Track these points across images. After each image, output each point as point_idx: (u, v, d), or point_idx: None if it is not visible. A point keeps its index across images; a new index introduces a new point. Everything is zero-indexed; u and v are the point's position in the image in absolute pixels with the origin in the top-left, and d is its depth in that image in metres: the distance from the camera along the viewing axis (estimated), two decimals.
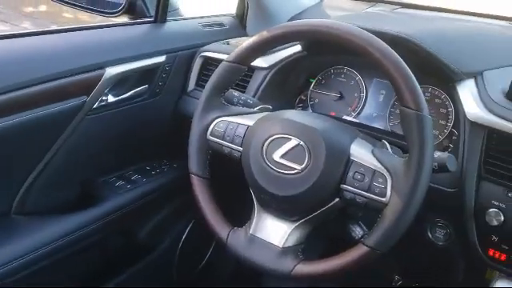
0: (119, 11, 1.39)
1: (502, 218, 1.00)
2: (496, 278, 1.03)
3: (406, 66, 0.85)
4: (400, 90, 0.86)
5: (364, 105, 1.26)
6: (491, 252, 1.05)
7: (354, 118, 1.26)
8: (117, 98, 1.29)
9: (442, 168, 0.91)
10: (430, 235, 1.15)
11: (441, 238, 1.14)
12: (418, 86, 0.85)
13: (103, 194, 1.32)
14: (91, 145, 1.28)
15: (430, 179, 0.85)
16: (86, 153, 1.28)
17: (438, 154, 0.92)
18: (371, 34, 0.88)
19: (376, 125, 1.24)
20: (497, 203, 1.01)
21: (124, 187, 1.34)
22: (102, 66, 1.21)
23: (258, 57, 1.02)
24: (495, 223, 1.00)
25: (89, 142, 1.27)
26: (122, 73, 1.25)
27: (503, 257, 1.04)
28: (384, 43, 0.87)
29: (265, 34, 0.97)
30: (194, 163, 1.03)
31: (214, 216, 1.01)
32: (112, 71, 1.22)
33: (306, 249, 0.97)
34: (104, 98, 1.26)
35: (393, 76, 0.85)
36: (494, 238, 1.04)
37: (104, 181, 1.36)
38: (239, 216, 1.05)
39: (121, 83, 1.29)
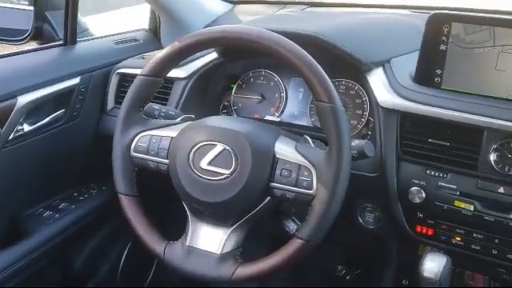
0: (26, 38, 1.33)
1: (424, 195, 1.06)
2: (427, 252, 1.09)
3: (315, 62, 0.89)
4: (312, 86, 0.89)
5: (285, 104, 1.30)
6: (419, 228, 1.11)
7: (277, 117, 1.29)
8: (34, 126, 1.24)
9: (361, 155, 0.95)
10: (360, 220, 1.20)
11: (371, 221, 1.19)
12: (329, 80, 0.89)
13: (31, 227, 1.26)
14: (12, 178, 1.22)
15: (351, 167, 0.88)
16: (8, 187, 1.22)
17: (356, 142, 0.96)
18: (280, 35, 0.91)
19: (299, 122, 1.28)
20: (417, 181, 1.07)
21: (52, 217, 1.30)
22: (13, 95, 1.16)
23: (172, 67, 1.02)
24: (418, 200, 1.06)
25: (9, 176, 1.21)
26: (36, 100, 1.21)
27: (430, 231, 1.10)
28: (292, 42, 0.90)
29: (177, 44, 0.98)
30: (120, 183, 1.01)
31: (148, 233, 0.99)
32: (24, 99, 1.18)
33: (249, 251, 0.98)
34: (20, 127, 1.20)
35: (304, 73, 0.88)
36: (420, 214, 1.10)
37: (30, 214, 1.31)
38: (175, 229, 1.04)
39: (36, 110, 1.24)
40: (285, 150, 0.93)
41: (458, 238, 1.07)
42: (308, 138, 1.02)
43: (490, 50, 1.02)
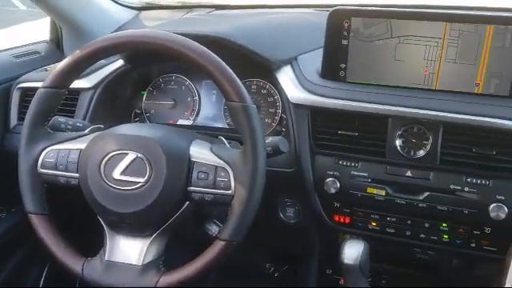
0: None
1: (339, 185, 1.10)
2: (346, 239, 1.12)
3: (222, 62, 0.89)
4: (222, 86, 0.89)
5: (199, 107, 1.29)
6: (336, 217, 1.15)
7: (191, 121, 1.28)
8: None
9: (276, 151, 0.97)
10: (282, 216, 1.22)
11: (292, 216, 1.21)
12: (238, 80, 0.89)
13: None
14: None
15: (266, 164, 0.89)
16: None
17: (270, 139, 0.97)
18: (185, 38, 0.90)
19: (214, 124, 1.28)
20: (331, 172, 1.11)
21: None
22: None
23: (75, 77, 0.97)
24: (333, 191, 1.10)
25: None
26: None
27: (347, 219, 1.14)
28: (198, 44, 0.89)
29: (78, 52, 0.94)
30: (28, 202, 0.95)
31: (63, 251, 0.94)
32: None
33: (175, 259, 0.96)
34: None
35: (212, 74, 0.88)
36: (336, 204, 1.14)
37: None
38: (93, 245, 1.00)
39: None
40: (200, 152, 0.92)
41: (374, 223, 1.12)
42: (223, 139, 1.02)
43: (388, 42, 1.08)
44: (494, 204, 1.00)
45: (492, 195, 1.01)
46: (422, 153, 1.05)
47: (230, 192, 0.89)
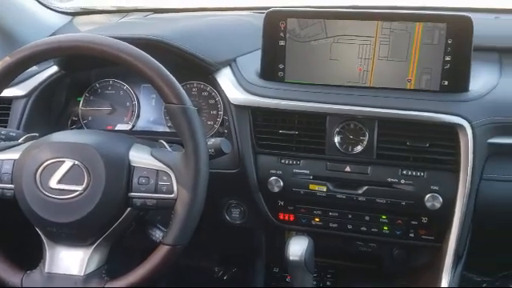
0: None
1: (282, 184, 1.12)
2: (291, 236, 1.14)
3: (159, 65, 0.88)
4: (160, 89, 0.88)
5: (139, 112, 1.27)
6: (281, 216, 1.17)
7: (131, 126, 1.26)
8: None
9: (218, 152, 0.97)
10: (227, 217, 1.22)
11: (237, 217, 1.22)
12: (176, 81, 0.88)
13: None
14: None
15: (208, 165, 0.89)
16: None
17: (212, 140, 0.97)
18: (120, 41, 0.88)
19: (155, 128, 1.26)
20: (274, 171, 1.12)
21: None
22: None
23: (6, 85, 0.93)
24: (277, 189, 1.12)
25: None
26: None
27: (292, 217, 1.16)
28: (133, 47, 0.88)
29: (8, 59, 0.90)
30: None
31: (1, 265, 0.90)
32: None
33: (121, 267, 0.94)
34: None
35: (150, 77, 0.87)
36: (280, 202, 1.16)
37: None
38: (33, 257, 0.96)
39: None
40: (140, 157, 0.91)
41: (317, 219, 1.15)
42: (164, 142, 1.01)
43: (323, 42, 1.10)
44: (430, 194, 1.05)
45: (427, 186, 1.05)
46: (359, 148, 1.08)
47: (172, 196, 0.88)
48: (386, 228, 1.12)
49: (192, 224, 0.87)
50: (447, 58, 1.04)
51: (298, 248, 1.01)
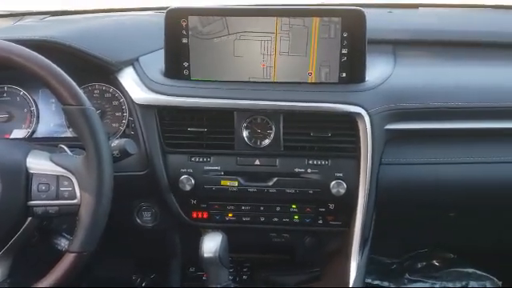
0: None
1: (193, 182, 1.11)
2: (206, 233, 1.14)
3: (52, 65, 0.84)
4: (56, 91, 0.84)
5: (38, 118, 1.20)
6: (194, 214, 1.16)
7: (30, 133, 1.19)
8: None
9: (123, 153, 0.95)
10: (138, 221, 1.19)
11: (149, 219, 1.20)
12: (72, 82, 0.86)
13: None
14: None
15: (112, 167, 0.87)
16: None
17: (115, 141, 0.95)
18: (10, 42, 0.84)
19: (57, 134, 1.20)
20: (185, 170, 1.12)
21: None
22: None
23: None
24: (188, 188, 1.11)
25: None
26: None
27: (205, 214, 1.16)
28: (24, 48, 0.84)
29: None
30: None
31: None
32: None
33: (25, 280, 0.89)
34: None
35: (43, 78, 0.84)
36: (193, 201, 1.15)
37: None
38: None
39: None
40: (38, 163, 0.87)
41: (231, 214, 1.16)
42: (64, 146, 0.97)
43: (225, 39, 1.11)
44: (334, 181, 1.09)
45: (331, 174, 1.10)
46: (267, 142, 1.10)
47: (75, 201, 0.85)
48: (296, 217, 1.15)
49: (98, 229, 0.85)
50: (344, 51, 1.09)
51: (212, 245, 1.02)
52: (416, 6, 1.54)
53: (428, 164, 1.11)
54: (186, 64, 1.13)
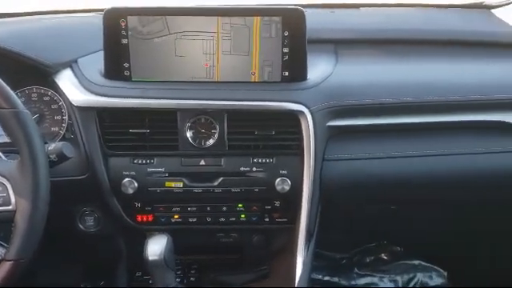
0: None
1: (136, 185, 1.09)
2: (151, 236, 1.12)
3: None
4: None
5: None
6: (139, 217, 1.15)
7: None
8: None
9: (61, 157, 0.92)
10: (81, 226, 1.16)
11: (92, 224, 1.17)
12: (4, 84, 0.83)
13: None
14: None
15: (49, 172, 0.85)
16: None
17: (52, 145, 0.92)
18: None
19: None
20: (127, 173, 1.10)
21: None
22: None
23: None
24: (132, 191, 1.09)
25: None
26: None
27: (150, 217, 1.15)
28: None
29: None
30: None
31: None
32: None
33: None
34: None
35: None
36: (137, 204, 1.13)
37: None
38: None
39: None
40: None
41: (176, 216, 1.15)
42: None
43: (166, 39, 1.10)
44: (279, 179, 1.10)
45: (276, 171, 1.11)
46: (211, 141, 1.10)
47: (10, 207, 0.82)
48: (243, 216, 1.15)
49: (35, 235, 0.82)
50: (285, 50, 1.10)
51: (156, 247, 1.00)
52: (357, 6, 1.57)
53: (369, 159, 1.13)
54: (126, 65, 1.11)
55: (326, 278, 1.60)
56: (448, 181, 1.17)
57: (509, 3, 1.49)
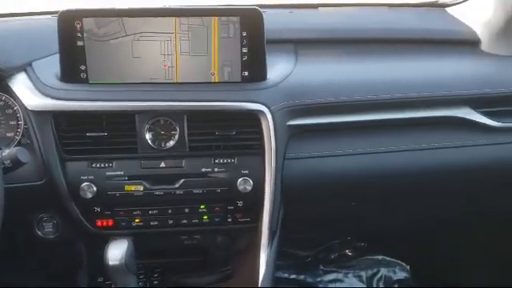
0: None
1: (95, 189, 1.07)
2: (111, 240, 1.11)
3: None
4: None
5: None
6: (99, 222, 1.12)
7: None
8: None
9: (16, 163, 0.90)
10: (39, 233, 1.14)
11: (51, 231, 1.14)
12: None
13: None
14: None
15: (2, 178, 0.83)
16: None
17: (6, 151, 0.91)
18: None
19: None
20: (86, 177, 1.08)
21: None
22: None
23: None
24: (90, 195, 1.07)
25: None
26: None
27: (110, 222, 1.13)
28: None
29: None
30: None
31: None
32: None
33: None
34: None
35: None
36: (96, 208, 1.11)
37: None
38: None
39: None
40: None
41: (137, 220, 1.13)
42: None
43: (123, 40, 1.08)
44: (241, 178, 1.10)
45: (238, 171, 1.11)
46: (172, 143, 1.09)
47: None
48: (205, 217, 1.15)
49: None
50: (244, 50, 1.10)
51: (117, 252, 0.99)
52: (316, 7, 1.59)
53: (328, 156, 1.15)
54: (82, 67, 1.09)
55: (293, 277, 1.61)
56: (402, 176, 1.19)
57: (462, 2, 1.53)
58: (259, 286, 1.10)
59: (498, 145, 1.22)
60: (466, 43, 1.41)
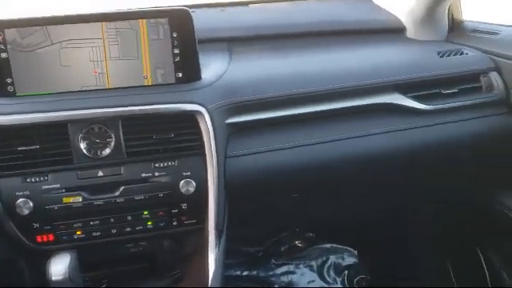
0: None
1: (32, 204, 1.04)
2: (53, 255, 1.07)
3: None
4: None
5: None
6: (39, 238, 1.08)
7: None
8: None
9: None
10: None
11: None
12: None
13: None
14: None
15: None
16: None
17: None
18: None
19: None
20: (21, 193, 1.04)
21: None
22: None
23: None
24: (27, 212, 1.03)
25: None
26: None
27: (51, 237, 1.09)
28: None
29: None
30: None
31: None
32: None
33: None
34: None
35: None
36: (35, 224, 1.07)
37: None
38: None
39: None
40: None
41: (79, 232, 1.10)
42: None
43: (49, 49, 1.05)
44: (183, 181, 1.09)
45: (180, 173, 1.10)
46: (108, 151, 1.07)
47: None
48: (149, 223, 1.13)
49: None
50: (176, 51, 1.09)
51: (60, 267, 0.96)
52: (246, 4, 1.60)
53: (267, 151, 1.16)
54: (9, 80, 1.05)
55: (245, 273, 1.62)
56: (340, 166, 1.22)
57: None
58: (209, 286, 1.10)
59: (429, 126, 1.27)
60: (393, 31, 1.46)
